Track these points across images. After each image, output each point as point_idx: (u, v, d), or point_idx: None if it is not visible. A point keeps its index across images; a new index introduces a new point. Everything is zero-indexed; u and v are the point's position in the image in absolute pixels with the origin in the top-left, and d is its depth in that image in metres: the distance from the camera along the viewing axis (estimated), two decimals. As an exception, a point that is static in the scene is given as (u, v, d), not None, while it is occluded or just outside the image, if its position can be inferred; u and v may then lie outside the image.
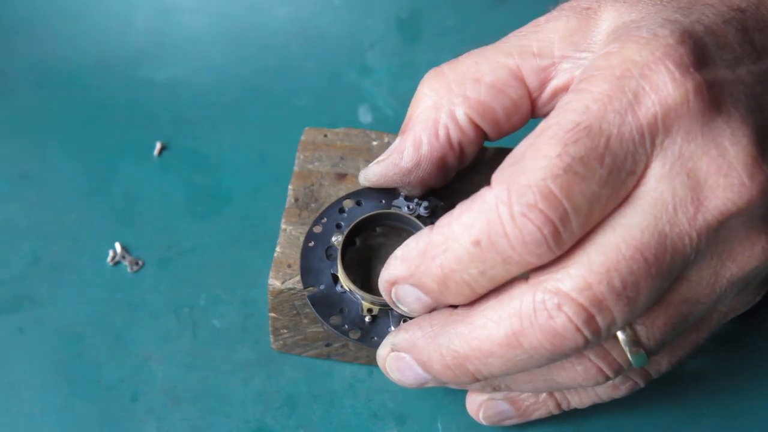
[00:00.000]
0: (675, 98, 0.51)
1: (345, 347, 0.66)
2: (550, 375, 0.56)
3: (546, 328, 0.51)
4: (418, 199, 0.63)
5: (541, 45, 0.58)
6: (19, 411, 0.66)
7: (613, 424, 0.65)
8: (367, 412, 0.66)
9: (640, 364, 0.55)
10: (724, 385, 0.67)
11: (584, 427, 0.65)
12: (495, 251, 0.51)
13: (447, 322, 0.55)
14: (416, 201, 0.63)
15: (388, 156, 0.61)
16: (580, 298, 0.51)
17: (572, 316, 0.51)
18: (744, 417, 0.66)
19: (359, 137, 0.68)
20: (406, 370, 0.57)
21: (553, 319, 0.51)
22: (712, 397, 0.66)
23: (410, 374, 0.57)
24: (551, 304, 0.51)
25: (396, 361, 0.57)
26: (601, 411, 0.65)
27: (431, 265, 0.53)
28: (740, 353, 0.68)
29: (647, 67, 0.51)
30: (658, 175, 0.51)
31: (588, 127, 0.51)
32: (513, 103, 0.59)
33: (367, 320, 0.60)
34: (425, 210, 0.62)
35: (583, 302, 0.51)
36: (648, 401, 0.66)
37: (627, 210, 0.51)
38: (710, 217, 0.51)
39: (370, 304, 0.60)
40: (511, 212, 0.50)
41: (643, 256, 0.51)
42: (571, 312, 0.51)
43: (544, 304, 0.51)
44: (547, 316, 0.51)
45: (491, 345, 0.53)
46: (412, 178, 0.61)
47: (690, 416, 0.66)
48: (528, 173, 0.50)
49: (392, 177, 0.61)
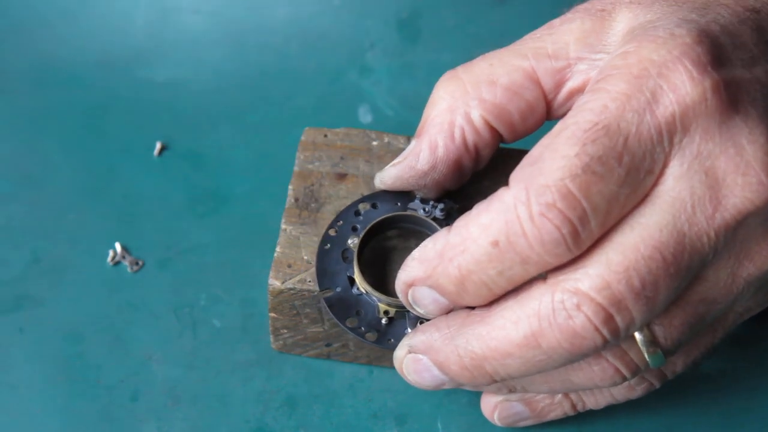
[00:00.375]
0: (693, 97, 0.51)
1: (345, 347, 0.66)
2: (566, 376, 0.56)
3: (565, 328, 0.51)
4: (434, 202, 0.63)
5: (556, 47, 0.58)
6: (19, 411, 0.66)
7: (613, 423, 0.66)
8: (367, 412, 0.66)
9: (658, 364, 0.54)
10: (724, 385, 0.67)
11: (586, 428, 0.65)
12: (513, 251, 0.51)
13: (464, 323, 0.55)
14: (432, 203, 0.63)
15: (404, 159, 0.61)
16: (599, 297, 0.51)
17: (591, 316, 0.51)
18: (744, 417, 0.66)
19: (359, 137, 0.68)
20: (423, 371, 0.57)
21: (572, 319, 0.51)
22: (712, 397, 0.66)
23: (427, 376, 0.57)
24: (570, 304, 0.51)
25: (413, 362, 0.57)
26: (601, 411, 0.65)
27: (449, 266, 0.53)
28: (740, 353, 0.68)
29: (665, 66, 0.51)
30: (676, 173, 0.51)
31: (606, 126, 0.51)
32: (528, 105, 0.59)
33: (383, 322, 0.60)
34: (441, 212, 0.62)
35: (602, 302, 0.51)
36: (648, 401, 0.66)
37: (645, 209, 0.51)
38: (728, 216, 0.51)
39: (386, 306, 0.60)
40: (530, 212, 0.51)
41: (662, 256, 0.51)
42: (591, 312, 0.51)
43: (563, 304, 0.51)
44: (566, 316, 0.51)
45: (509, 345, 0.53)
46: (428, 180, 0.61)
47: (690, 416, 0.66)
48: (546, 173, 0.50)
49: (408, 180, 0.61)
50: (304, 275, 0.62)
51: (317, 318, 0.64)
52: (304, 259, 0.63)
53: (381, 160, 0.67)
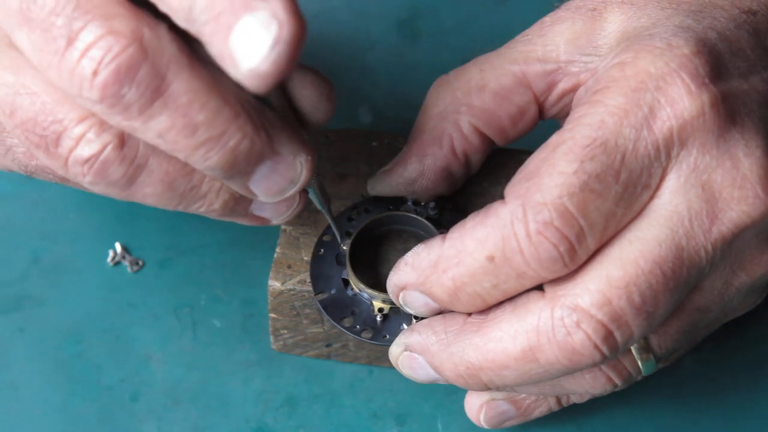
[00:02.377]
0: (691, 112, 0.51)
1: (345, 347, 0.66)
2: (558, 383, 0.56)
3: (564, 345, 0.51)
4: (425, 202, 0.63)
5: (546, 50, 0.58)
6: (19, 411, 0.66)
7: (613, 423, 0.66)
8: (367, 412, 0.66)
9: (650, 371, 0.55)
10: (724, 385, 0.67)
11: (586, 428, 0.65)
12: (509, 267, 0.51)
13: (461, 331, 0.55)
14: (423, 204, 0.63)
15: (393, 166, 0.61)
16: (599, 314, 0.50)
17: (591, 333, 0.51)
18: (744, 417, 0.66)
19: (359, 137, 0.68)
20: (418, 369, 0.57)
21: (572, 336, 0.51)
22: (712, 397, 0.66)
23: (422, 373, 0.57)
24: (570, 321, 0.51)
25: (408, 359, 0.57)
26: (601, 411, 0.65)
27: (443, 277, 0.53)
28: (740, 353, 0.68)
29: (662, 79, 0.51)
30: (672, 187, 0.51)
31: (604, 143, 0.51)
32: (518, 109, 0.59)
33: (378, 319, 0.60)
34: (433, 210, 0.62)
35: (602, 319, 0.50)
36: (648, 401, 0.66)
37: (642, 223, 0.51)
38: (725, 230, 0.51)
39: (381, 303, 0.60)
40: (527, 230, 0.50)
41: (662, 270, 0.50)
42: (591, 329, 0.51)
43: (563, 321, 0.51)
44: (565, 333, 0.51)
45: (506, 359, 0.53)
46: (417, 187, 0.61)
47: (690, 416, 0.66)
48: (544, 190, 0.50)
49: (396, 186, 0.62)
50: (304, 276, 0.62)
51: (317, 318, 0.64)
52: (304, 260, 0.63)
53: (381, 160, 0.66)
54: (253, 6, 0.44)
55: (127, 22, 0.46)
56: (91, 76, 0.46)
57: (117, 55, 0.46)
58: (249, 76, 0.44)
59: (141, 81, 0.46)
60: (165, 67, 0.46)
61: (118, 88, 0.46)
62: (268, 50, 0.44)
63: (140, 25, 0.46)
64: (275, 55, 0.44)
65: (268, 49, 0.44)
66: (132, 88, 0.46)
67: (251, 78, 0.44)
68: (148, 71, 0.46)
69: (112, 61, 0.46)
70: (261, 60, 0.44)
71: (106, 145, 0.49)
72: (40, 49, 0.47)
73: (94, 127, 0.49)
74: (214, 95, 0.47)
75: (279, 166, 0.50)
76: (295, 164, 0.51)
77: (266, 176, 0.50)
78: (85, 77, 0.46)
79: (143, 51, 0.46)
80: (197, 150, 0.48)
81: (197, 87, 0.47)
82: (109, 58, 0.46)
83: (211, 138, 0.48)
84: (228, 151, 0.48)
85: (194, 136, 0.47)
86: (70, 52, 0.46)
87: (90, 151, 0.49)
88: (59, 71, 0.47)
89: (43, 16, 0.46)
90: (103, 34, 0.46)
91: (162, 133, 0.47)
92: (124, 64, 0.46)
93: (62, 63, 0.46)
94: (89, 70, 0.46)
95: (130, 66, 0.46)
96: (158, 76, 0.46)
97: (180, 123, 0.47)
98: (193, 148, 0.48)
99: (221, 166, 0.49)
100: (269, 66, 0.44)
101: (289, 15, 0.44)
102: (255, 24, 0.44)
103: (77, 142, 0.49)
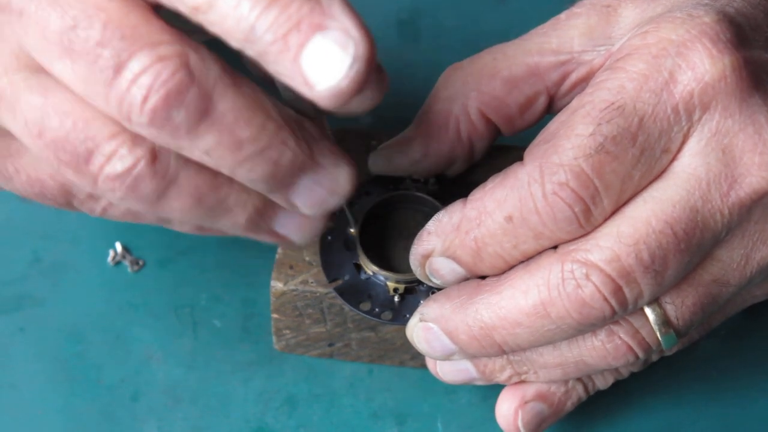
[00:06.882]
0: (713, 74, 0.52)
1: (347, 347, 0.66)
2: (580, 357, 0.56)
3: (574, 298, 0.52)
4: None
5: (560, 41, 0.58)
6: (19, 411, 0.66)
7: (613, 423, 0.66)
8: (367, 411, 0.66)
9: (670, 345, 0.55)
10: (724, 385, 0.67)
11: (586, 428, 0.66)
12: (527, 227, 0.52)
13: (475, 292, 0.55)
14: (422, 180, 0.63)
15: (397, 144, 0.62)
16: (608, 269, 0.51)
17: (600, 286, 0.51)
18: (744, 417, 0.66)
19: (359, 137, 0.68)
20: (433, 341, 0.57)
21: (581, 289, 0.52)
22: (712, 397, 0.66)
23: (437, 345, 0.57)
24: (579, 274, 0.52)
25: (423, 331, 0.57)
26: (601, 411, 0.65)
27: (466, 238, 0.54)
28: (740, 353, 0.68)
29: (684, 45, 0.52)
30: (693, 150, 0.52)
31: (622, 106, 0.51)
32: (528, 99, 0.59)
33: (395, 300, 0.60)
34: (433, 185, 0.63)
35: (611, 273, 0.51)
36: (648, 401, 0.66)
37: (660, 184, 0.52)
38: (743, 195, 0.52)
39: (395, 283, 0.60)
40: (543, 190, 0.51)
41: (673, 231, 0.51)
42: (599, 282, 0.51)
43: (573, 273, 0.52)
44: (575, 286, 0.52)
45: (519, 315, 0.53)
46: (419, 168, 0.61)
47: (690, 416, 0.66)
48: (561, 152, 0.51)
49: (398, 165, 0.62)
50: (306, 276, 0.62)
51: (320, 318, 0.64)
52: (306, 260, 0.63)
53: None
54: (324, 25, 0.45)
55: (173, 47, 0.46)
56: (140, 102, 0.46)
57: (166, 81, 0.46)
58: (327, 95, 0.45)
59: (189, 103, 0.46)
60: (211, 88, 0.47)
61: (167, 112, 0.46)
62: (347, 69, 0.45)
63: (186, 50, 0.47)
64: (354, 73, 0.45)
65: (347, 68, 0.45)
66: (181, 111, 0.46)
67: (329, 97, 0.45)
68: (196, 94, 0.47)
69: (162, 87, 0.46)
70: (340, 79, 0.45)
71: (139, 161, 0.49)
72: (85, 80, 0.47)
73: (126, 143, 0.49)
74: (258, 111, 0.48)
75: (320, 177, 0.51)
76: (336, 175, 0.51)
77: (308, 188, 0.51)
78: (134, 104, 0.46)
79: (191, 75, 0.46)
80: (242, 164, 0.48)
81: (242, 105, 0.47)
82: (159, 85, 0.46)
83: (255, 152, 0.48)
84: (272, 164, 0.49)
85: (240, 152, 0.48)
86: (119, 82, 0.46)
87: (122, 167, 0.49)
88: (107, 100, 0.47)
89: (88, 49, 0.46)
90: (152, 62, 0.46)
91: (209, 150, 0.48)
92: (174, 89, 0.46)
93: (111, 92, 0.47)
94: (139, 98, 0.46)
95: (179, 90, 0.46)
96: (205, 98, 0.47)
97: (226, 140, 0.47)
98: (238, 163, 0.48)
99: (265, 178, 0.49)
100: (348, 84, 0.45)
101: (361, 33, 0.45)
102: (329, 43, 0.45)
103: (109, 158, 0.49)
